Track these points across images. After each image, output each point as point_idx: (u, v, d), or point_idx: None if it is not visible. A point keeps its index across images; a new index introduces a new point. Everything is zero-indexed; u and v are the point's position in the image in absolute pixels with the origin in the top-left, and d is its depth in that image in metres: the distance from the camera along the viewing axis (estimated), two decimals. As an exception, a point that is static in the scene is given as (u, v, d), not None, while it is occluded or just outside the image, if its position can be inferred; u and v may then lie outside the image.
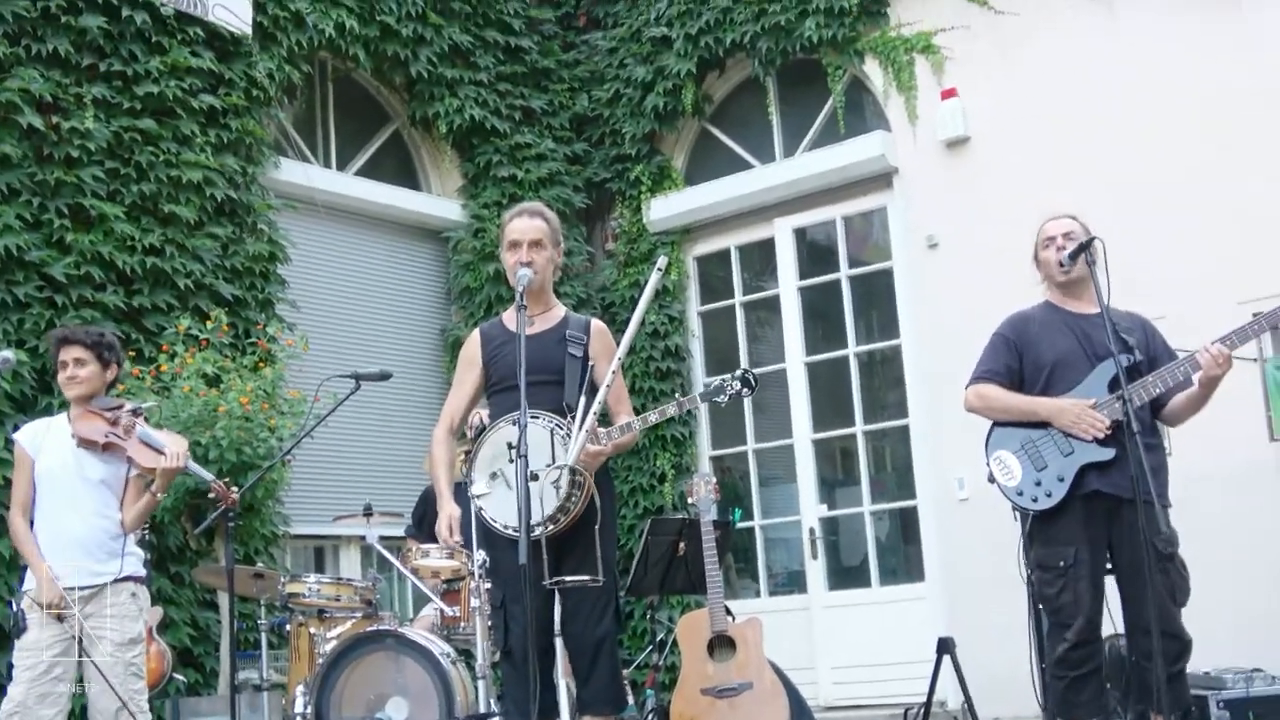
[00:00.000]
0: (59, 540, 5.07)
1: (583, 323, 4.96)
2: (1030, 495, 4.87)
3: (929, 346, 8.71)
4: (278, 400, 7.20)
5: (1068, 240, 5.01)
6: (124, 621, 5.15)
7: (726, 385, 4.91)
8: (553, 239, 4.94)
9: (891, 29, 9.07)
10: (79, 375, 5.23)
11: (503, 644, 4.72)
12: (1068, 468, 4.82)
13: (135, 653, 5.19)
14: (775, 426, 9.59)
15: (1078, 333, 4.96)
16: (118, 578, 5.16)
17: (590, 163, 10.27)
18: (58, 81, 7.35)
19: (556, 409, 4.70)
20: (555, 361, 4.80)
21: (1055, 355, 4.95)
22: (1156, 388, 4.79)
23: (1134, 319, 5.06)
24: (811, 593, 9.16)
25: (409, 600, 8.83)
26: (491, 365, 4.91)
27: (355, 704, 6.00)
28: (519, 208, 5.04)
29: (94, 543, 5.12)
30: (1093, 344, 4.88)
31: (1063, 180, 8.02)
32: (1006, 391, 5.02)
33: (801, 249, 9.63)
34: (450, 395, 5.12)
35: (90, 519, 5.12)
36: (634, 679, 7.83)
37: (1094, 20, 8.28)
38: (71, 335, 5.31)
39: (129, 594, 5.21)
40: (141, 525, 5.41)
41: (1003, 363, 5.06)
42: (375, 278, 9.34)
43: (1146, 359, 4.89)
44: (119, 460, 5.19)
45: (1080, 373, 4.90)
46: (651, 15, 9.97)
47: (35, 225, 7.15)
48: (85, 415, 5.20)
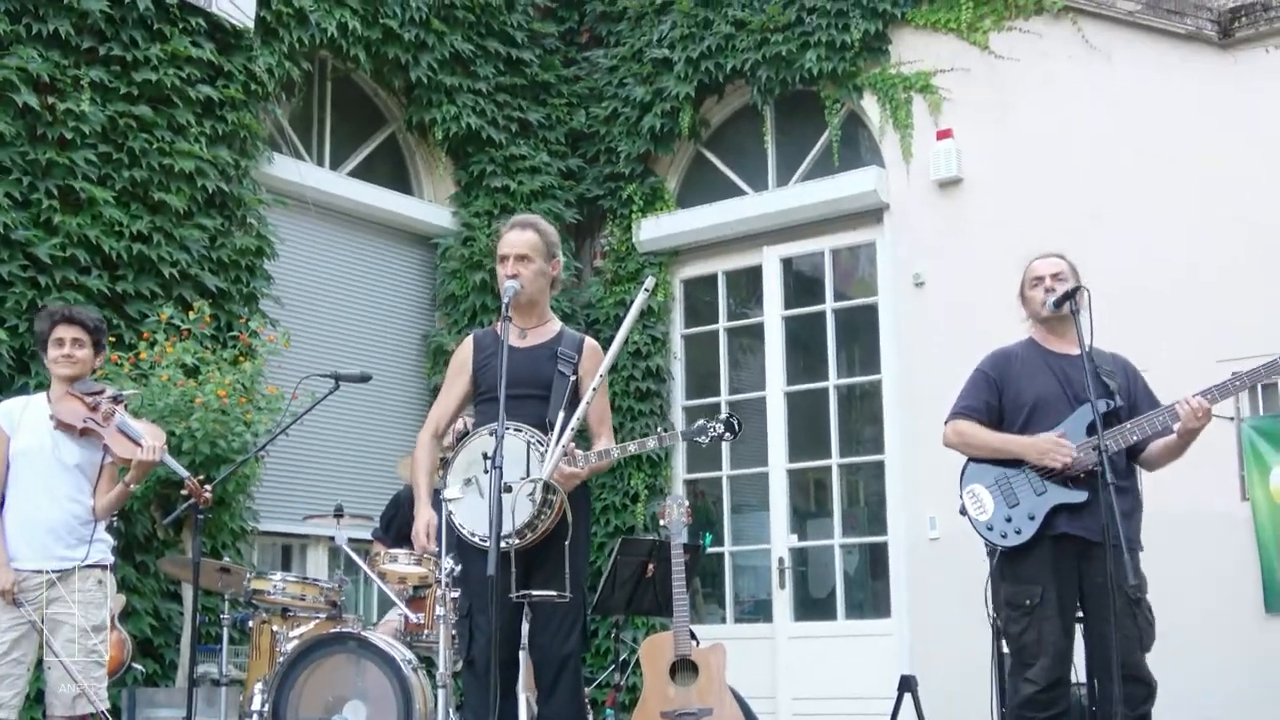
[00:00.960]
0: (29, 522, 5.05)
1: (576, 340, 4.94)
2: (1000, 531, 4.86)
3: (909, 384, 8.73)
4: (255, 395, 7.18)
5: (1056, 281, 5.01)
6: (89, 608, 5.13)
7: (709, 427, 4.85)
8: (545, 252, 4.92)
9: (891, 66, 9.11)
10: (76, 356, 5.22)
11: (465, 653, 4.71)
12: (1039, 506, 4.82)
13: (98, 640, 5.16)
14: (751, 454, 9.59)
15: (1059, 373, 4.95)
16: (86, 563, 5.14)
17: (583, 179, 10.28)
18: (56, 62, 7.33)
19: (539, 424, 4.69)
20: (543, 376, 4.78)
21: (1035, 395, 4.94)
22: (1134, 435, 4.79)
23: (1117, 362, 5.06)
24: (777, 622, 9.15)
25: (374, 604, 8.78)
26: (480, 373, 4.90)
27: (313, 705, 5.96)
28: (512, 220, 5.03)
29: (64, 527, 5.10)
30: (1073, 385, 4.86)
31: (1052, 227, 8.05)
32: (983, 429, 5.02)
33: (788, 278, 9.65)
34: (438, 400, 5.13)
35: (63, 503, 5.10)
36: (595, 698, 7.81)
37: (1091, 71, 8.34)
38: (75, 315, 5.30)
39: (95, 580, 5.19)
40: (113, 514, 5.38)
41: (982, 399, 5.05)
42: (361, 279, 9.33)
43: (1127, 405, 4.89)
44: (95, 446, 5.17)
45: (1060, 414, 4.88)
46: (654, 36, 10.00)
47: (24, 204, 7.12)
48: (66, 398, 5.17)
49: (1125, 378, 5.00)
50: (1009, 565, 4.90)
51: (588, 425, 4.84)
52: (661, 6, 10.06)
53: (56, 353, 5.21)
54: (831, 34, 9.18)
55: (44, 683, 5.10)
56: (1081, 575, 4.80)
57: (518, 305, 4.81)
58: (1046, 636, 4.72)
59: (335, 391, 6.28)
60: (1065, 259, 5.13)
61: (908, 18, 9.06)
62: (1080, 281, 5.02)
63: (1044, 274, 5.07)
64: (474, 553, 4.64)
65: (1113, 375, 4.94)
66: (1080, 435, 4.80)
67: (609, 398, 5.83)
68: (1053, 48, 8.52)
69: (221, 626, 6.47)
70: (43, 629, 5.02)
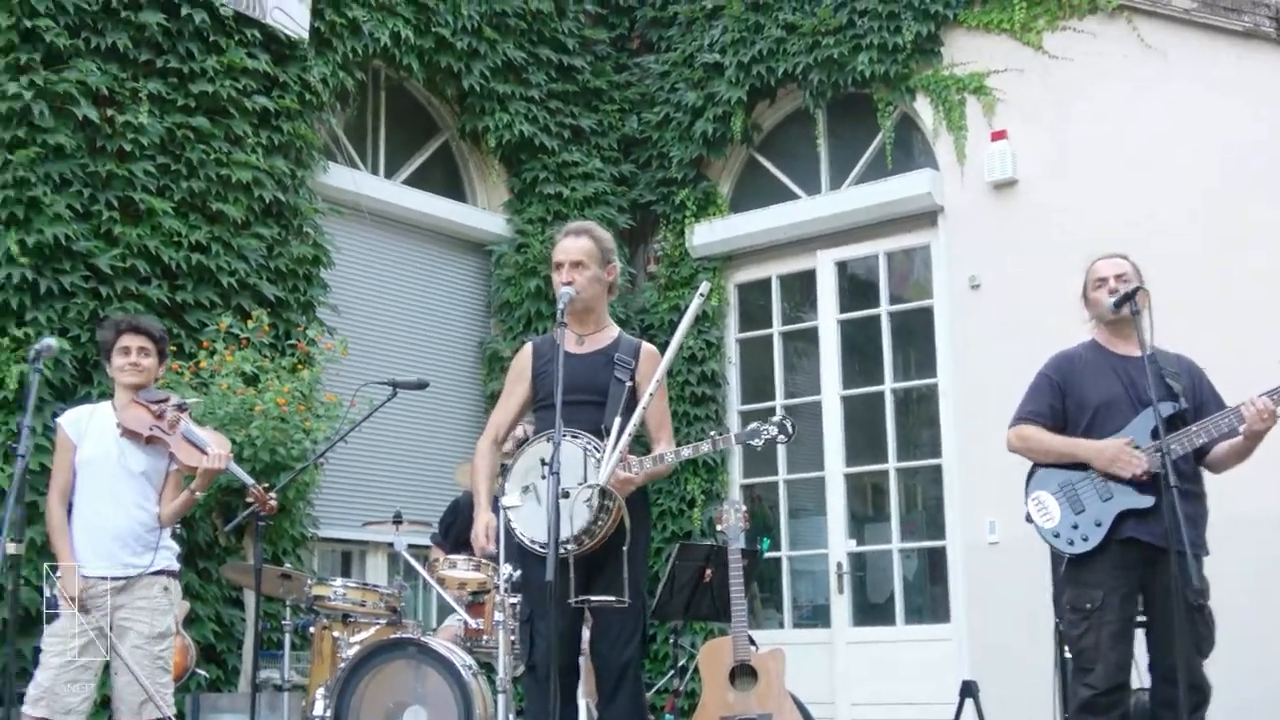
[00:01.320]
0: (96, 529, 5.10)
1: (633, 346, 4.94)
2: (1066, 538, 4.81)
3: (966, 387, 8.68)
4: (314, 403, 7.23)
5: (1119, 282, 4.96)
6: (155, 615, 5.17)
7: (763, 430, 4.78)
8: (600, 258, 4.92)
9: (944, 68, 9.06)
10: (142, 364, 5.27)
11: (527, 659, 4.72)
12: (1105, 513, 4.76)
13: (164, 646, 5.20)
14: (808, 458, 9.56)
15: (1123, 376, 4.90)
16: (151, 570, 5.19)
17: (636, 184, 10.29)
18: (115, 75, 7.42)
19: (595, 430, 4.69)
20: (600, 383, 4.78)
21: (1100, 398, 4.89)
22: (1200, 438, 4.71)
23: (1182, 363, 4.99)
24: (835, 627, 9.11)
25: (433, 610, 8.83)
26: (538, 381, 4.91)
27: (374, 710, 5.99)
28: (567, 227, 5.04)
29: (130, 534, 5.14)
30: (1138, 388, 4.80)
31: (1109, 227, 7.98)
32: (1047, 433, 4.97)
33: (843, 282, 9.62)
34: (498, 407, 5.13)
35: (130, 510, 5.15)
36: (654, 703, 7.82)
37: (1148, 70, 8.25)
38: (141, 325, 5.37)
39: (161, 587, 5.23)
40: (177, 521, 5.43)
41: (1046, 403, 5.01)
42: (416, 287, 9.38)
43: (1192, 407, 4.82)
44: (161, 454, 5.22)
45: (1124, 417, 4.82)
46: (705, 41, 10.00)
47: (84, 216, 7.21)
48: (132, 406, 5.22)
49: (1190, 379, 4.93)
50: (1073, 571, 4.84)
51: (647, 430, 4.83)
52: (712, 11, 10.06)
53: (123, 361, 5.25)
54: (883, 36, 9.14)
55: (110, 689, 5.15)
56: (1145, 580, 4.76)
57: (573, 311, 4.82)
58: (1105, 641, 4.69)
59: (393, 398, 6.33)
60: (1129, 259, 5.08)
61: (960, 19, 9.01)
62: (1143, 282, 4.97)
63: (1107, 275, 5.02)
64: (534, 559, 4.65)
65: (1177, 377, 4.87)
66: (1145, 438, 4.74)
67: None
68: (1107, 47, 8.44)
69: (283, 632, 6.52)
70: (109, 635, 5.07)
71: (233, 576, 6.79)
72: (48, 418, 6.40)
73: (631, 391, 4.80)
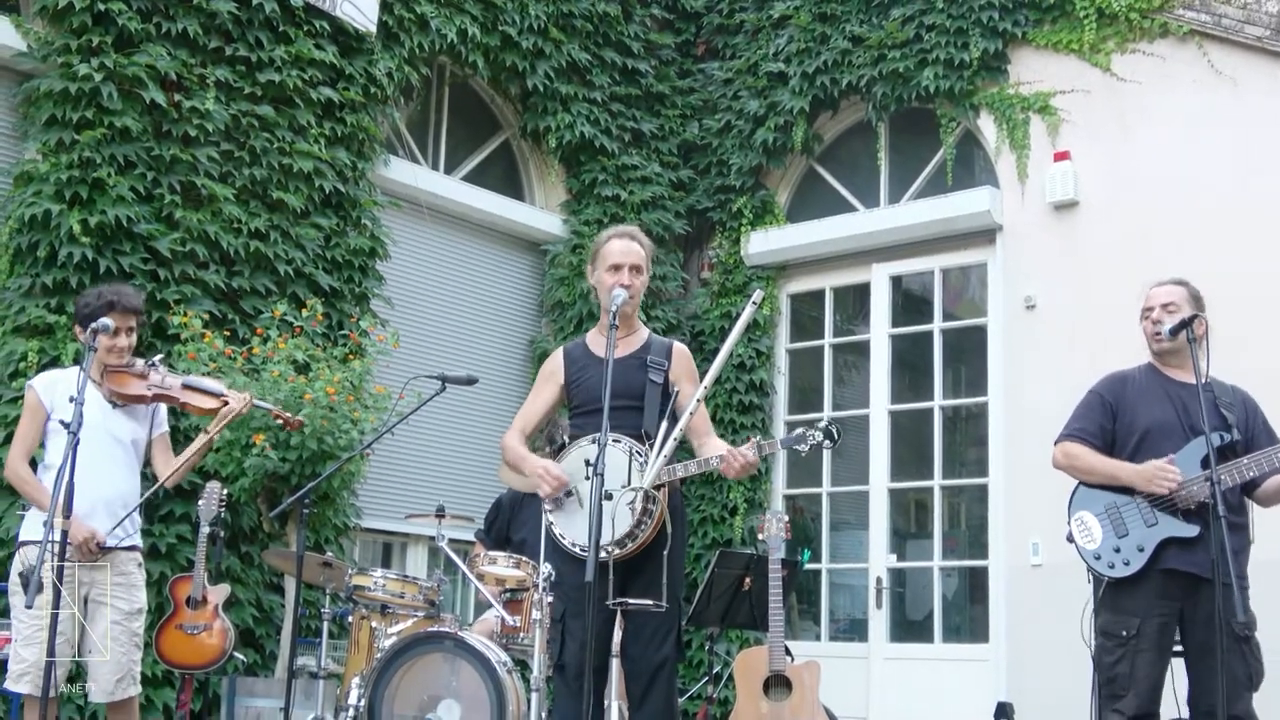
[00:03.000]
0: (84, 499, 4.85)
1: (664, 347, 4.94)
2: (1108, 561, 4.79)
3: (1016, 407, 8.61)
4: (363, 394, 7.27)
5: (1165, 312, 4.93)
6: (131, 590, 5.18)
7: (808, 435, 4.72)
8: (648, 264, 4.98)
9: (1010, 86, 9.01)
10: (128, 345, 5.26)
11: (557, 658, 4.72)
12: (1149, 539, 4.74)
13: (139, 623, 5.21)
14: (852, 471, 9.52)
15: (1176, 402, 4.88)
16: (126, 544, 5.18)
17: (694, 190, 10.30)
18: (184, 61, 7.51)
19: (636, 435, 4.69)
20: (636, 387, 4.78)
21: (1150, 421, 4.87)
22: (1250, 471, 4.67)
23: (1237, 394, 4.95)
24: (872, 642, 9.07)
25: (471, 605, 8.86)
26: (575, 387, 4.89)
27: (408, 702, 6.01)
28: (618, 230, 5.04)
29: (119, 502, 5.13)
30: (1190, 415, 4.79)
31: (1170, 253, 7.90)
32: (1093, 453, 4.95)
33: (897, 297, 9.58)
34: (526, 404, 5.12)
35: (117, 482, 5.14)
36: (687, 710, 7.81)
37: (1216, 96, 8.17)
38: (130, 303, 5.27)
39: (136, 563, 5.24)
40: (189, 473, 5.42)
41: (1096, 422, 4.99)
42: (470, 283, 9.43)
43: (1244, 439, 4.78)
44: (144, 421, 5.21)
45: (1174, 444, 4.80)
46: (770, 50, 9.99)
47: (147, 199, 7.30)
48: (114, 375, 5.19)
49: (1244, 411, 4.89)
50: (1112, 595, 4.81)
51: (691, 432, 4.81)
52: (778, 20, 10.04)
53: (112, 342, 5.16)
54: (950, 52, 9.10)
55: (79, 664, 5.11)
56: (1184, 611, 4.72)
57: (623, 314, 4.82)
58: (1139, 670, 4.67)
59: (441, 393, 6.34)
60: (1187, 286, 5.02)
61: (1028, 37, 8.95)
62: (1201, 309, 4.92)
63: (1154, 304, 4.99)
64: (570, 560, 4.65)
65: (1231, 408, 4.83)
66: (1194, 467, 4.70)
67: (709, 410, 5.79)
68: (1176, 71, 8.36)
69: (322, 620, 6.56)
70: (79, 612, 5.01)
71: (274, 562, 6.84)
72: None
73: (665, 391, 4.79)
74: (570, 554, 4.69)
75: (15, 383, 6.74)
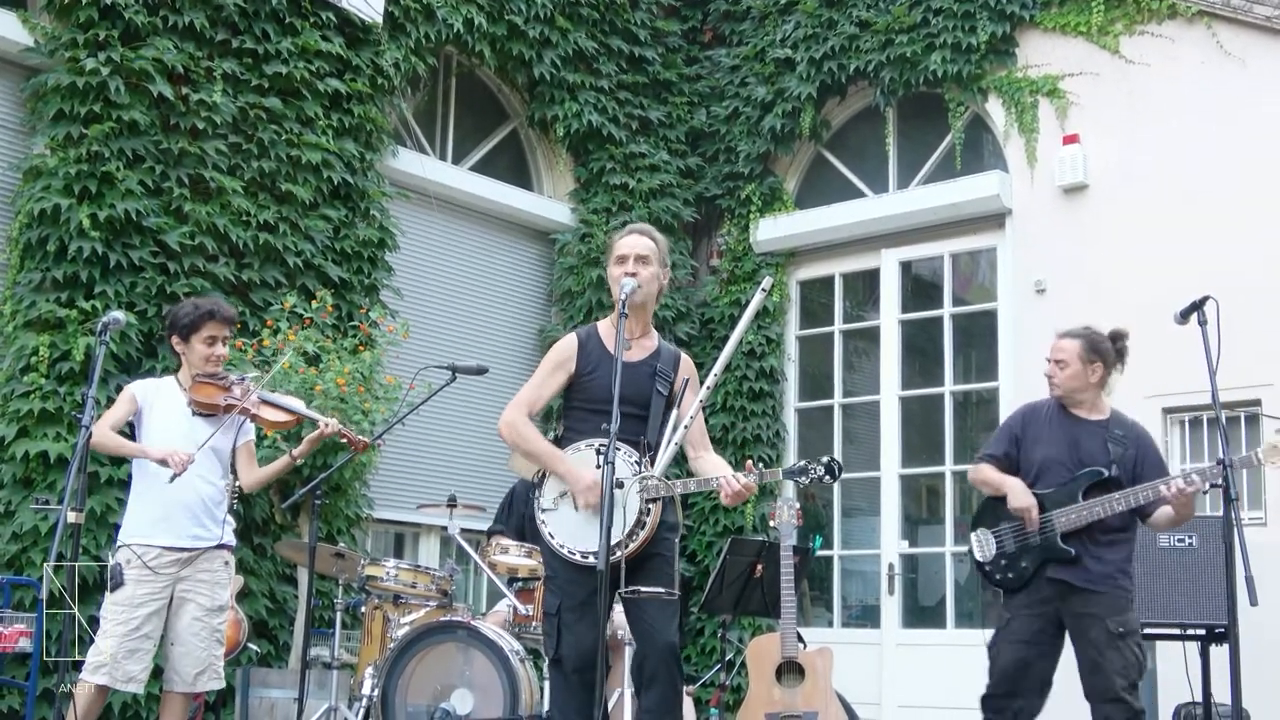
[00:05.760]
0: (165, 502, 5.16)
1: (673, 357, 4.88)
2: (994, 573, 5.45)
3: (1027, 391, 8.54)
4: (373, 384, 7.29)
5: (1056, 367, 5.45)
6: (215, 588, 5.28)
7: (811, 468, 4.70)
8: (660, 258, 4.86)
9: (1018, 69, 8.98)
10: (223, 354, 5.40)
11: (553, 652, 4.67)
12: (1033, 557, 5.32)
13: (221, 619, 5.30)
14: (863, 458, 9.52)
15: (1069, 439, 5.40)
16: (216, 544, 5.28)
17: (702, 178, 10.28)
18: (190, 54, 7.52)
19: (635, 443, 4.63)
20: (644, 394, 4.73)
21: (1043, 456, 5.42)
22: (1119, 504, 5.14)
23: (1133, 432, 5.41)
24: (885, 628, 9.07)
25: (483, 594, 8.88)
26: (585, 379, 4.75)
27: (422, 692, 6.04)
28: (629, 227, 4.99)
29: (200, 508, 5.24)
30: (1079, 451, 5.35)
31: (1180, 236, 7.91)
32: (996, 472, 5.50)
33: (906, 282, 9.57)
34: (530, 386, 4.86)
35: (198, 485, 5.22)
36: (700, 697, 7.82)
37: (1226, 76, 8.14)
38: (226, 313, 5.42)
39: (223, 562, 5.34)
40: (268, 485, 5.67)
41: (1003, 449, 5.57)
42: (479, 273, 9.43)
43: (1128, 474, 5.25)
44: (229, 430, 5.28)
45: (1060, 478, 5.34)
46: (777, 36, 9.97)
47: (155, 192, 7.31)
48: (199, 385, 5.30)
49: (1136, 449, 5.35)
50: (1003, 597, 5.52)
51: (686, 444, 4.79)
52: (785, 6, 10.02)
53: (209, 350, 5.31)
54: (957, 36, 9.08)
55: (164, 659, 5.22)
56: (1061, 612, 5.28)
57: (632, 305, 4.77)
58: (1003, 655, 5.37)
59: (451, 383, 6.35)
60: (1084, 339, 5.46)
61: (1036, 20, 8.92)
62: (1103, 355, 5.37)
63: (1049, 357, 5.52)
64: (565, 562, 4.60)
65: (1123, 441, 5.33)
66: (1076, 497, 5.26)
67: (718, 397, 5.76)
68: (1185, 52, 8.33)
69: (335, 611, 6.58)
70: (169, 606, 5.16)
71: (287, 554, 6.86)
72: (112, 390, 6.50)
73: (669, 403, 4.78)
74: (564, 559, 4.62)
75: (27, 377, 6.76)
